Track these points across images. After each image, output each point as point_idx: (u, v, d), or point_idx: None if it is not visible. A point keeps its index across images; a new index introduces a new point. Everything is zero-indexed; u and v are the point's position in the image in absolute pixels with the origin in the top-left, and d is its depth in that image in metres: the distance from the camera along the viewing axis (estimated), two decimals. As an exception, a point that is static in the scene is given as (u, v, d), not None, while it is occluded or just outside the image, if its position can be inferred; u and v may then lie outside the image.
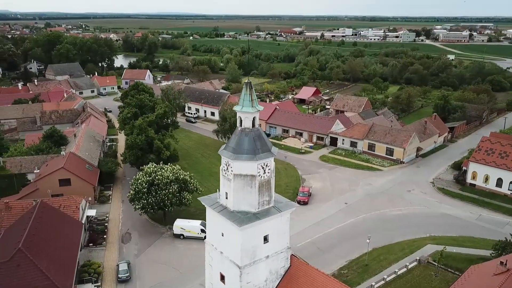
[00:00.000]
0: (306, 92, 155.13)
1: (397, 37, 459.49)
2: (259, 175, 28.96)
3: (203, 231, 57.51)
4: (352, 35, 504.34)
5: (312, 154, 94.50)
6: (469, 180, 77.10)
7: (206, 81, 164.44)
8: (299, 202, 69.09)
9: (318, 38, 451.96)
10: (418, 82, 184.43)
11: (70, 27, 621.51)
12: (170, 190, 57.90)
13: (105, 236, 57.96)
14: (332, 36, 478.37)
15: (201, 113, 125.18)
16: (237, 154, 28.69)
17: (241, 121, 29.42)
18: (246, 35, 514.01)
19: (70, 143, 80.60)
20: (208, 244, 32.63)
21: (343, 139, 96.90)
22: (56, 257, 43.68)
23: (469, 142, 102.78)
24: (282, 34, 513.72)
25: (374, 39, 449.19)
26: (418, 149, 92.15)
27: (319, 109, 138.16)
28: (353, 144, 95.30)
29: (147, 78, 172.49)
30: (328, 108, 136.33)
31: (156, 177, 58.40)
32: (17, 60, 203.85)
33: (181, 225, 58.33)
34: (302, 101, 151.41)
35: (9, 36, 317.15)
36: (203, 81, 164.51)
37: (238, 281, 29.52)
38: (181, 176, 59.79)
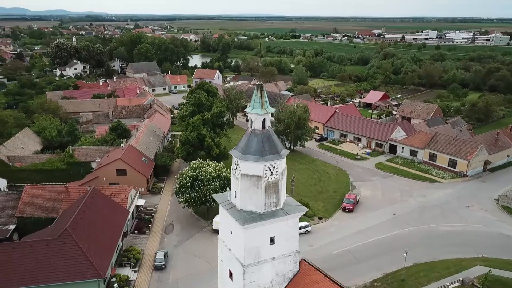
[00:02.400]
0: (373, 96, 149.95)
1: (487, 40, 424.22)
2: (265, 177, 29.12)
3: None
4: (437, 37, 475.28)
5: (368, 161, 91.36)
6: (541, 200, 69.55)
7: (271, 82, 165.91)
8: (343, 209, 67.59)
9: (398, 40, 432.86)
10: (504, 90, 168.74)
11: (156, 28, 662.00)
12: (212, 187, 59.80)
13: (149, 225, 61.55)
14: (414, 38, 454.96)
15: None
16: (245, 155, 29.13)
17: (252, 122, 29.82)
18: (322, 37, 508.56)
19: (132, 136, 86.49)
20: (220, 240, 33.49)
21: (403, 147, 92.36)
22: (97, 240, 47.48)
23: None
24: (360, 36, 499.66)
25: (461, 42, 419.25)
26: (486, 162, 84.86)
27: (384, 114, 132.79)
28: (413, 153, 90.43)
29: (216, 78, 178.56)
30: (394, 114, 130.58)
31: (200, 173, 60.72)
32: (104, 58, 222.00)
33: (218, 221, 59.84)
34: (368, 106, 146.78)
35: (102, 37, 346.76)
36: (269, 82, 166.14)
37: (241, 279, 29.99)
38: (224, 174, 61.43)
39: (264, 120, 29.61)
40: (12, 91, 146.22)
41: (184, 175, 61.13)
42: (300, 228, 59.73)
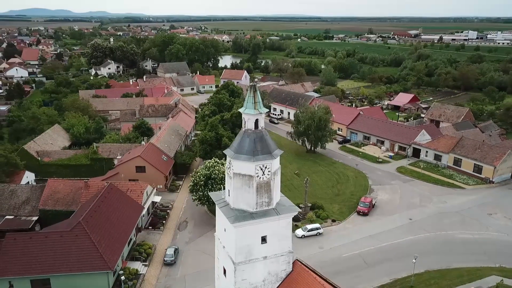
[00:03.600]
0: (402, 99, 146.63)
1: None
2: (257, 176, 29.47)
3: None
4: (477, 38, 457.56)
5: (389, 164, 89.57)
6: None
7: (298, 83, 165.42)
8: (358, 213, 66.72)
9: (435, 41, 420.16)
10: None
11: (191, 28, 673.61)
12: (225, 185, 60.43)
13: (164, 222, 63.11)
14: (452, 39, 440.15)
15: (285, 115, 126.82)
16: (237, 154, 29.63)
17: (245, 122, 30.26)
18: (356, 37, 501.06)
19: (155, 134, 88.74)
20: (216, 238, 34.12)
21: (427, 151, 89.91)
22: (109, 234, 49.29)
23: None
24: (395, 37, 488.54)
25: (503, 43, 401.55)
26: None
27: (412, 117, 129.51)
28: (437, 157, 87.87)
29: (244, 78, 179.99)
30: (423, 117, 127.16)
31: (214, 172, 61.69)
32: (137, 58, 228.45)
33: (232, 220, 60.57)
34: (397, 108, 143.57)
35: (137, 37, 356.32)
36: (295, 83, 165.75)
37: (233, 277, 30.48)
38: (237, 173, 61.99)
39: (257, 120, 29.98)
40: (49, 89, 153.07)
41: (198, 174, 62.31)
42: (312, 230, 59.84)
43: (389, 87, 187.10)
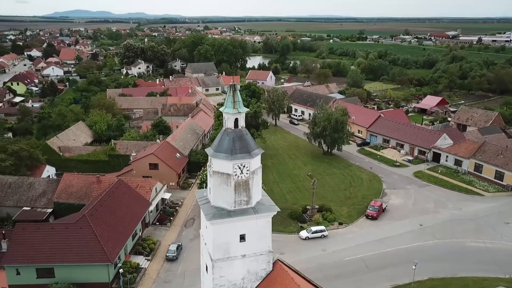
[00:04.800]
0: (429, 101, 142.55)
1: None
2: (235, 175, 29.75)
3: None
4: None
5: (407, 168, 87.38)
6: None
7: (323, 84, 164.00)
8: (367, 216, 65.66)
9: (474, 43, 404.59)
10: None
11: (225, 29, 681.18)
12: (231, 185, 61.09)
13: (171, 218, 64.43)
14: (493, 41, 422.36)
15: (306, 116, 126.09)
16: (216, 152, 30.04)
17: (225, 121, 30.66)
18: (390, 38, 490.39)
19: (172, 133, 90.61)
20: (201, 235, 34.68)
21: (447, 156, 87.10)
22: (113, 227, 50.92)
23: None
24: (432, 38, 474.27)
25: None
26: (541, 176, 77.26)
27: (438, 121, 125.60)
28: (458, 163, 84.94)
29: (269, 79, 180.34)
30: (449, 121, 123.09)
31: (220, 171, 62.30)
32: (167, 58, 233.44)
33: (237, 219, 61.07)
34: (424, 111, 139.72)
35: (171, 38, 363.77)
36: (320, 84, 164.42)
37: (211, 273, 30.94)
38: (243, 173, 62.46)
39: (236, 120, 30.30)
40: (80, 88, 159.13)
41: (206, 172, 63.14)
42: (316, 232, 59.47)
43: (418, 89, 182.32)
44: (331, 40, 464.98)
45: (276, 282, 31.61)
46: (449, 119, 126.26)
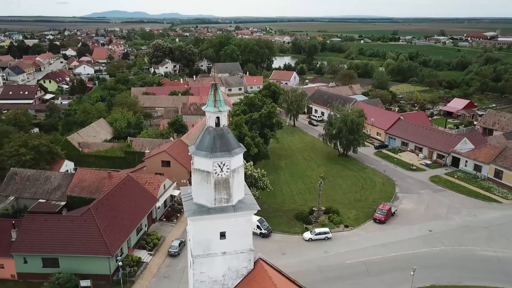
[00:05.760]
0: (456, 104, 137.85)
1: None
2: (215, 173, 30.16)
3: (259, 227, 59.76)
4: None
5: (423, 172, 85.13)
6: None
7: (347, 85, 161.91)
8: (374, 220, 64.57)
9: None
10: None
11: (256, 29, 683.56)
12: (236, 183, 61.58)
13: (178, 215, 65.64)
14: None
15: (326, 117, 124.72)
16: (197, 150, 30.57)
17: (207, 119, 31.12)
18: (424, 39, 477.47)
19: (187, 131, 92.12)
20: (187, 231, 35.31)
21: (466, 161, 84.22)
22: (117, 221, 52.51)
23: None
24: (468, 38, 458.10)
25: None
26: None
27: (463, 124, 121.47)
28: (477, 168, 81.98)
29: (293, 79, 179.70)
30: (475, 125, 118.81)
31: (226, 170, 62.92)
32: (194, 58, 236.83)
33: (241, 217, 61.45)
34: (450, 114, 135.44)
35: (202, 38, 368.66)
36: (344, 85, 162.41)
37: (191, 269, 31.51)
38: (249, 172, 62.95)
39: (218, 118, 30.70)
40: (108, 86, 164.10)
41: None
42: (319, 234, 59.09)
43: (448, 92, 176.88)
44: (362, 41, 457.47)
45: (255, 280, 31.79)
46: (475, 123, 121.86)
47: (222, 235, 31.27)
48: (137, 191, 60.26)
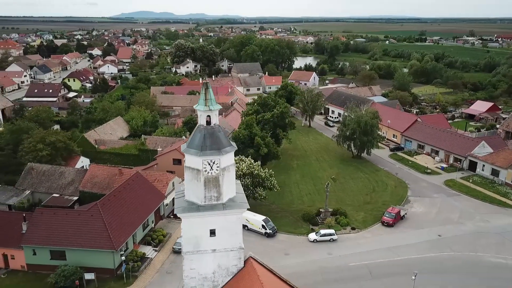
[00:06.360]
0: (479, 107, 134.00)
1: None
2: (205, 170, 30.53)
3: (264, 227, 59.88)
4: None
5: (438, 176, 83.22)
6: None
7: (366, 86, 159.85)
8: (382, 223, 63.60)
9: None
10: None
11: (280, 30, 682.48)
12: (243, 183, 62.01)
13: (186, 212, 66.38)
14: None
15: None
16: (188, 148, 31.02)
17: (199, 117, 31.54)
18: (452, 40, 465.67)
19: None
20: (180, 228, 35.82)
21: (484, 165, 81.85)
22: (123, 217, 53.64)
23: None
24: (498, 39, 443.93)
25: None
26: None
27: (485, 128, 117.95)
28: (495, 173, 79.59)
29: (312, 80, 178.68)
30: (497, 128, 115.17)
31: (234, 169, 63.36)
32: (216, 58, 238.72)
33: (247, 217, 61.66)
34: (472, 117, 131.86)
35: (224, 38, 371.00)
36: (364, 86, 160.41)
37: (182, 265, 32.00)
38: (256, 172, 63.15)
39: (208, 117, 31.06)
40: (129, 85, 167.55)
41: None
42: (325, 235, 58.72)
43: (472, 94, 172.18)
44: (387, 42, 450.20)
45: (244, 279, 32.00)
46: (498, 126, 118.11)
47: (212, 232, 31.63)
48: (145, 188, 61.35)
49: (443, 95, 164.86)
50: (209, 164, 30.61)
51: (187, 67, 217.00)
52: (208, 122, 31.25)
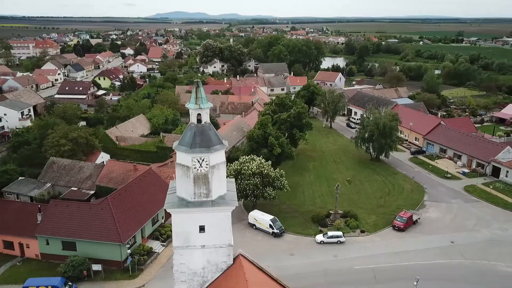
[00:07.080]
0: (510, 111, 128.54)
1: None
2: (194, 168, 31.15)
3: (271, 226, 60.09)
4: None
5: (459, 181, 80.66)
6: None
7: (393, 87, 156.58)
8: (393, 227, 62.43)
9: None
10: None
11: (312, 30, 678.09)
12: (252, 182, 62.50)
13: (197, 209, 67.44)
14: None
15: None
16: (179, 145, 31.75)
17: (190, 115, 32.22)
18: (491, 41, 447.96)
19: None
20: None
21: (507, 171, 78.70)
22: (131, 212, 55.27)
23: None
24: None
25: None
26: None
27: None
28: (519, 179, 76.36)
29: (338, 81, 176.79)
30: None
31: (244, 167, 63.99)
32: (243, 58, 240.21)
33: (255, 216, 62.24)
34: (502, 121, 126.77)
35: (254, 38, 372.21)
36: (390, 87, 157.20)
37: (173, 260, 32.77)
38: (265, 171, 63.40)
39: (199, 115, 31.66)
40: (157, 84, 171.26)
41: (230, 168, 65.17)
42: (332, 237, 58.32)
43: (506, 97, 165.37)
44: (421, 42, 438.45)
45: (232, 276, 32.41)
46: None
47: (201, 228, 32.20)
48: (157, 184, 62.87)
49: (475, 98, 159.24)
50: (199, 161, 31.21)
51: (214, 67, 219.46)
52: (199, 120, 31.86)
